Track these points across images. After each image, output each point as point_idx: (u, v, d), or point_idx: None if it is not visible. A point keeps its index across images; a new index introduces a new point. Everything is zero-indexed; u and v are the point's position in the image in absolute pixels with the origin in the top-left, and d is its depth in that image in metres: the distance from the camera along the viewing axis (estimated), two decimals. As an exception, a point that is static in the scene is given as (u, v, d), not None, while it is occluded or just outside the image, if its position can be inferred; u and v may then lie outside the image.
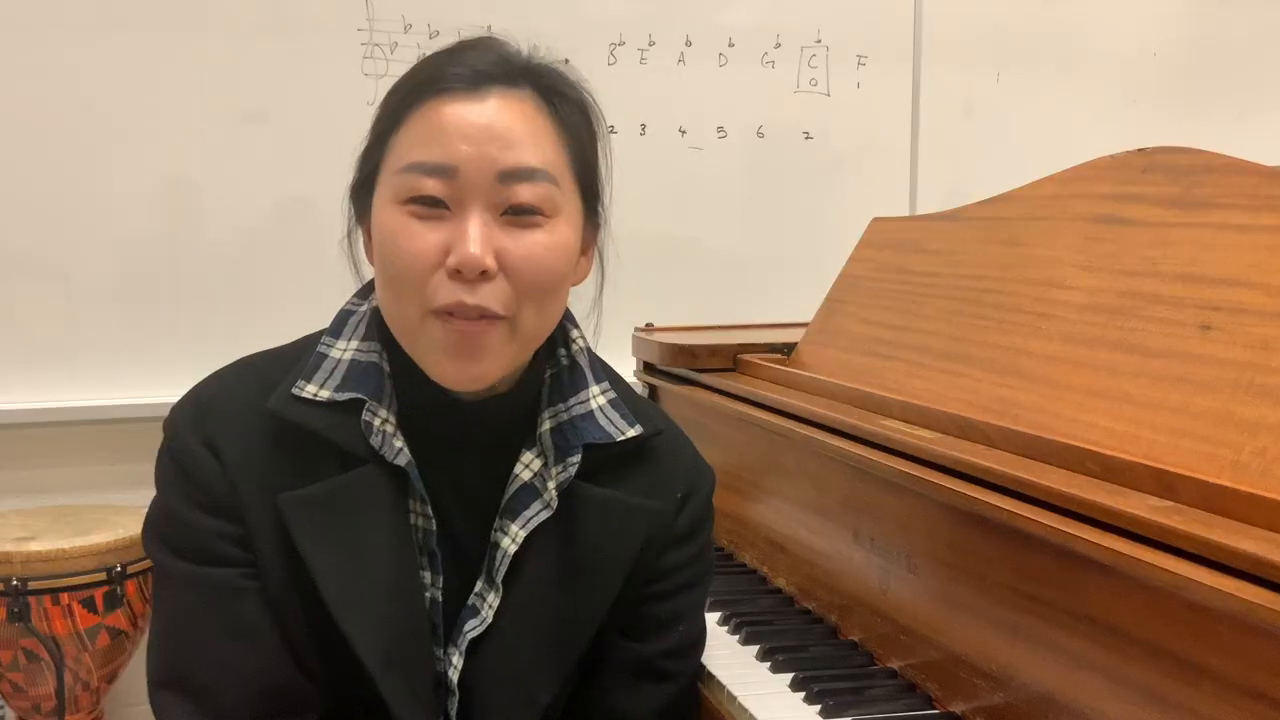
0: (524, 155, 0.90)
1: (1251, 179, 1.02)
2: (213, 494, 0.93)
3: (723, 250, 2.60)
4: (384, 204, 0.93)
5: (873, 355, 1.40)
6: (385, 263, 0.93)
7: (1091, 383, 1.04)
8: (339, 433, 0.93)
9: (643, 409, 1.05)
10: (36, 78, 2.15)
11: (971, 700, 1.01)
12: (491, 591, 0.98)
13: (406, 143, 0.92)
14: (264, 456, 0.93)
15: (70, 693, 1.98)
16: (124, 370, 2.25)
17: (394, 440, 0.94)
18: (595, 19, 2.43)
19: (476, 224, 0.89)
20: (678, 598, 1.05)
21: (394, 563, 0.94)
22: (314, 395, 0.93)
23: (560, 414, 1.00)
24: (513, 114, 0.91)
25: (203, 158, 2.25)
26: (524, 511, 0.98)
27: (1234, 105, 2.92)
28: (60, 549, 1.93)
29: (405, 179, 0.90)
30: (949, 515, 1.03)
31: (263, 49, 2.26)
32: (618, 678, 1.04)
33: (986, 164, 2.59)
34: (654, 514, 1.01)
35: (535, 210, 0.91)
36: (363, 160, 0.98)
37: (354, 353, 0.96)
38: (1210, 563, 0.75)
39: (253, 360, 1.00)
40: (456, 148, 0.89)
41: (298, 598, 0.93)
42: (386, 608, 0.93)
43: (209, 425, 0.94)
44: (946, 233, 1.40)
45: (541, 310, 0.94)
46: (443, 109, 0.91)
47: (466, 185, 0.89)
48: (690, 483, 1.05)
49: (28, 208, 2.17)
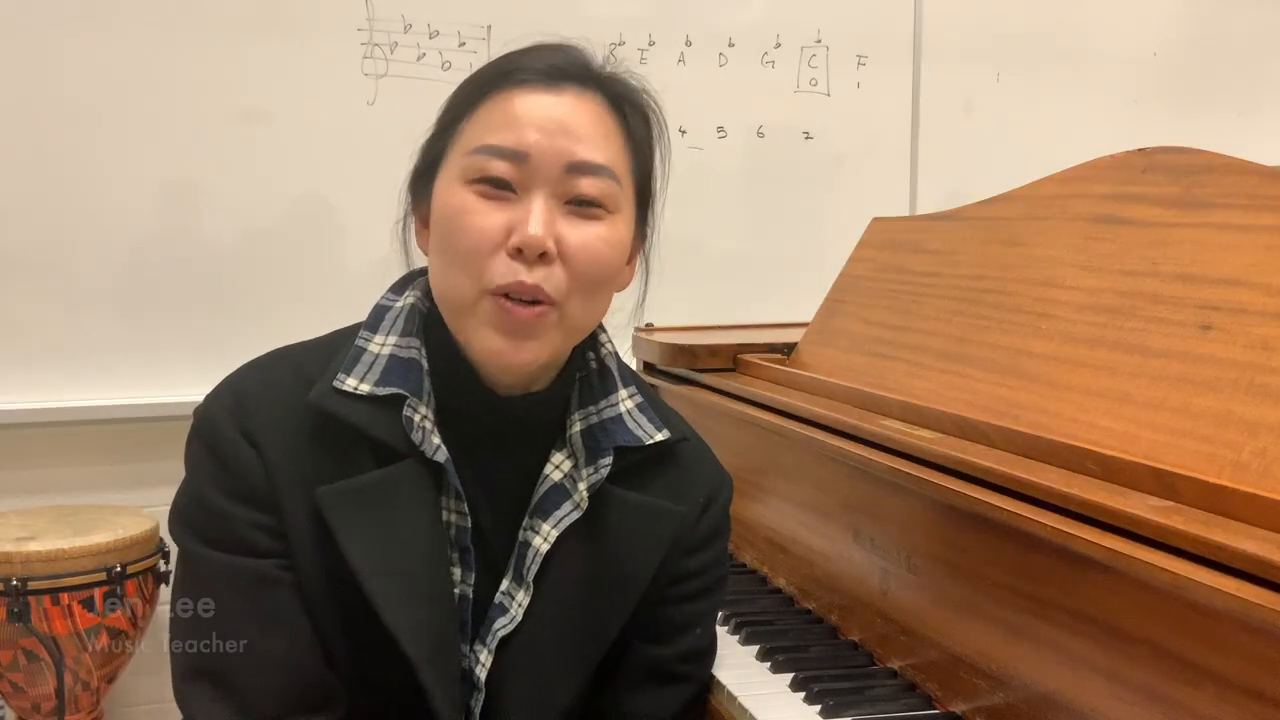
0: (592, 151, 0.93)
1: (1251, 179, 1.02)
2: (250, 485, 0.93)
3: (723, 250, 2.60)
4: (449, 183, 0.94)
5: (873, 355, 1.40)
6: (448, 239, 0.94)
7: (1091, 383, 1.04)
8: (379, 427, 0.94)
9: (668, 414, 1.06)
10: (37, 78, 2.15)
11: (971, 700, 1.00)
12: (521, 590, 0.98)
13: (479, 127, 0.94)
14: (302, 449, 0.94)
15: (70, 693, 1.98)
16: (124, 370, 2.24)
17: (432, 436, 0.95)
18: (595, 19, 2.43)
19: (541, 208, 0.91)
20: (695, 602, 1.06)
21: (428, 558, 0.95)
22: (355, 389, 0.94)
23: (591, 416, 1.01)
24: (584, 111, 0.94)
25: (202, 158, 2.25)
26: (555, 511, 0.99)
27: (1234, 105, 2.92)
28: (60, 549, 1.93)
29: (475, 159, 0.92)
30: (949, 515, 1.03)
31: (263, 49, 2.26)
32: (634, 680, 1.04)
33: (986, 164, 2.58)
34: (680, 517, 1.03)
35: (597, 203, 0.93)
36: (427, 147, 0.99)
37: (393, 348, 0.97)
38: (1210, 563, 0.75)
39: (287, 352, 1.00)
40: (529, 135, 0.92)
41: (331, 592, 0.93)
42: (423, 602, 0.94)
43: (247, 416, 0.94)
44: (946, 233, 1.40)
45: (589, 302, 0.95)
46: (518, 97, 0.93)
47: (534, 172, 0.92)
48: (712, 489, 1.07)
49: (28, 208, 2.17)
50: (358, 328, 0.99)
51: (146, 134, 2.21)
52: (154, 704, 2.32)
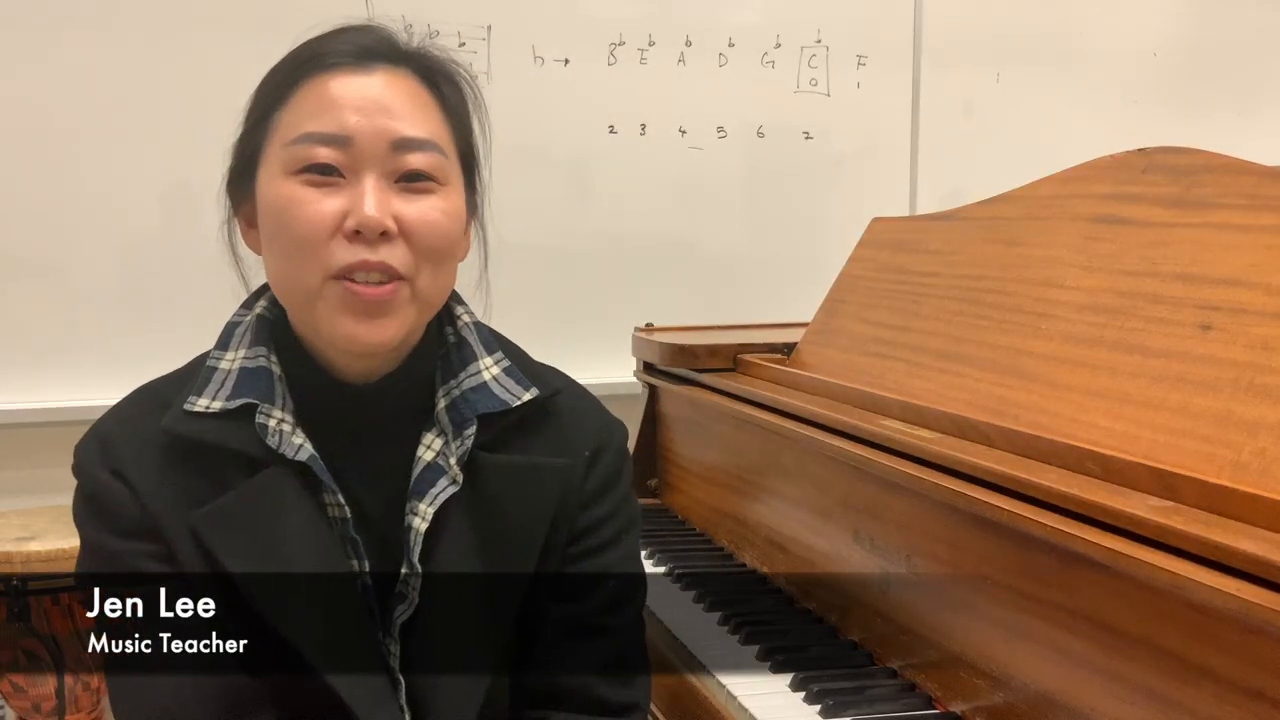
0: (414, 127, 0.93)
1: (1251, 179, 1.02)
2: (130, 519, 0.94)
3: (723, 250, 2.60)
4: (272, 177, 0.94)
5: (872, 355, 1.40)
6: (281, 231, 0.93)
7: (1091, 383, 1.04)
8: (236, 440, 0.94)
9: (539, 372, 1.05)
10: (37, 78, 2.15)
11: (971, 700, 1.00)
12: (413, 574, 0.98)
13: (294, 117, 0.93)
14: (171, 477, 0.94)
15: (70, 693, 1.98)
16: (124, 370, 2.21)
17: (293, 437, 0.95)
18: (595, 19, 2.43)
19: (373, 188, 0.91)
20: (603, 554, 1.04)
21: (319, 556, 0.95)
22: (206, 408, 0.95)
23: (453, 390, 1.01)
24: (399, 89, 0.94)
25: (202, 158, 2.21)
26: (430, 490, 0.98)
27: (1234, 105, 2.92)
28: (60, 549, 1.93)
29: (297, 150, 0.92)
30: (949, 515, 1.03)
31: (263, 49, 2.25)
32: (556, 641, 1.02)
33: (986, 164, 2.59)
34: (562, 471, 1.01)
35: (428, 176, 0.93)
36: (240, 146, 0.99)
37: (242, 361, 0.98)
38: (1210, 563, 0.75)
39: (148, 387, 1.02)
40: (349, 117, 0.91)
41: (231, 610, 0.93)
42: (321, 601, 0.94)
43: (112, 456, 0.95)
44: (946, 233, 1.40)
45: (437, 273, 0.95)
46: (331, 82, 0.93)
47: (360, 154, 0.91)
48: (598, 439, 1.04)
49: (28, 208, 2.17)
50: (211, 351, 1.01)
51: (146, 134, 2.21)
52: (154, 704, 2.32)
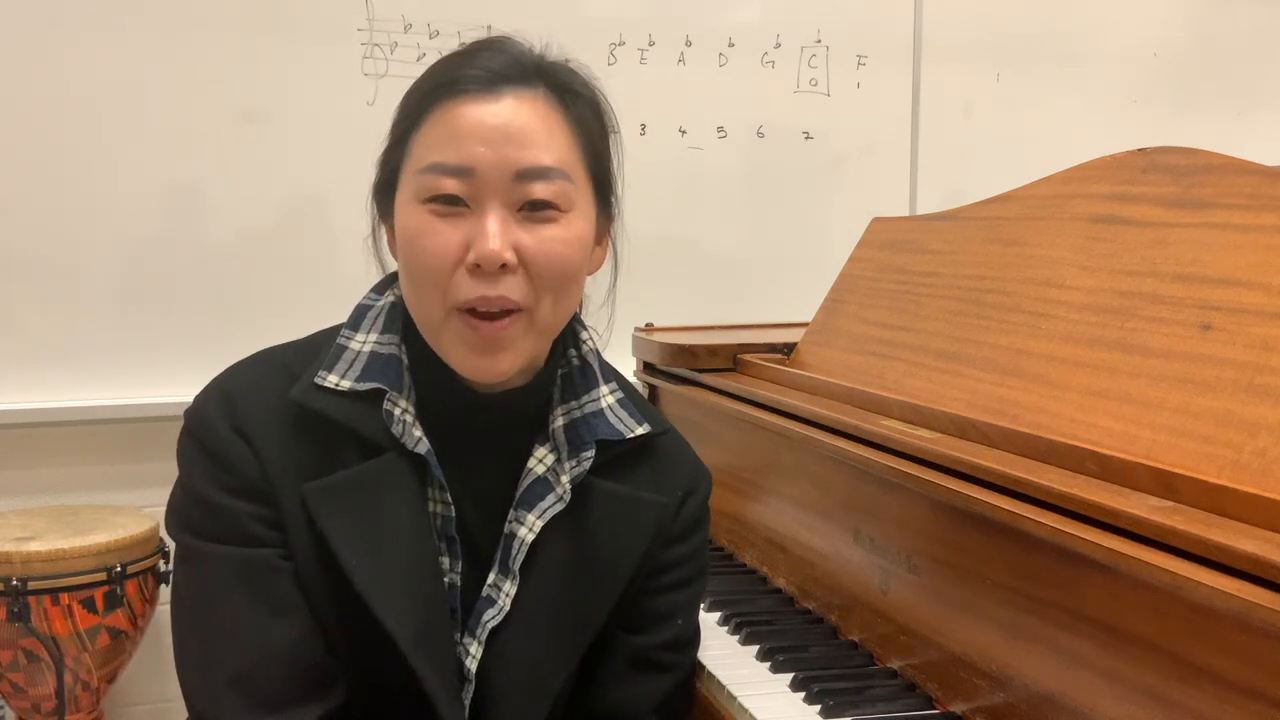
0: (539, 154, 0.94)
1: (1251, 179, 1.02)
2: (246, 479, 0.95)
3: (723, 250, 2.60)
4: (405, 203, 0.96)
5: (872, 355, 1.40)
6: (409, 260, 0.96)
7: (1091, 383, 1.04)
8: (360, 421, 0.96)
9: (648, 409, 1.09)
10: (37, 78, 2.15)
11: (971, 700, 1.01)
12: (508, 581, 1.00)
13: (425, 144, 0.95)
14: (290, 445, 0.96)
15: (70, 693, 1.98)
16: (124, 370, 2.24)
17: (414, 429, 0.97)
18: (595, 19, 2.43)
19: (495, 220, 0.92)
20: (676, 592, 1.08)
21: (415, 547, 0.97)
22: (336, 385, 0.96)
23: (573, 411, 1.04)
24: (527, 113, 0.94)
25: (203, 158, 2.25)
26: (539, 503, 1.01)
27: (1234, 105, 2.92)
28: (60, 549, 1.93)
29: (425, 179, 0.94)
30: (949, 515, 1.03)
31: (263, 49, 2.26)
32: (617, 670, 1.06)
33: (986, 164, 2.59)
34: (661, 508, 1.05)
35: (551, 205, 0.94)
36: (383, 162, 1.01)
37: (373, 345, 0.99)
38: (1210, 563, 0.75)
39: (273, 352, 1.03)
40: (473, 149, 0.92)
41: (326, 582, 0.95)
42: (413, 590, 0.96)
43: (238, 414, 0.96)
44: (946, 233, 1.40)
45: (558, 301, 0.97)
46: (459, 110, 0.94)
47: (484, 184, 0.93)
48: (691, 481, 1.09)
49: (28, 208, 2.17)
50: (340, 328, 1.01)
51: (147, 134, 2.21)
52: (154, 704, 2.32)
